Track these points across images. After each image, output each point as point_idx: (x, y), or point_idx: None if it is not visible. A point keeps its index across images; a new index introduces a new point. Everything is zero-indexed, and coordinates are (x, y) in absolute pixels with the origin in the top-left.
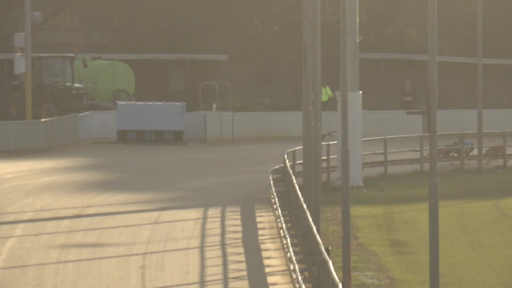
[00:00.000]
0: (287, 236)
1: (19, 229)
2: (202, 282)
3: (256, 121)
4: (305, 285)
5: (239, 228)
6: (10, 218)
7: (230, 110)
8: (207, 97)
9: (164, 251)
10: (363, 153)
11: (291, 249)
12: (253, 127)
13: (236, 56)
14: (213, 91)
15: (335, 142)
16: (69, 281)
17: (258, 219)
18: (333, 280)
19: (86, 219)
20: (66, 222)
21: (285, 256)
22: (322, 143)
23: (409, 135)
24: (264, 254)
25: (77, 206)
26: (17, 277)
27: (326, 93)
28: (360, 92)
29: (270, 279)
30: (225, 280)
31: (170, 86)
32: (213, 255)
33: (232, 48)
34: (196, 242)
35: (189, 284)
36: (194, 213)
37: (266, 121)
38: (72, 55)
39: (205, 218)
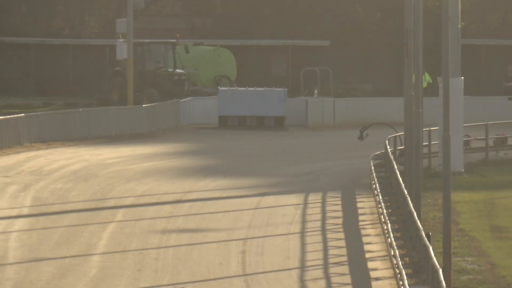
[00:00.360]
0: (388, 221)
1: (120, 214)
2: (303, 267)
3: (357, 106)
4: (405, 270)
5: (340, 214)
6: (111, 203)
7: (332, 96)
8: (308, 83)
9: (264, 236)
10: (464, 139)
11: (391, 235)
12: (354, 112)
13: (337, 42)
14: (314, 77)
15: (436, 128)
16: (169, 266)
17: (358, 205)
18: (433, 265)
19: (187, 205)
20: (167, 207)
21: (386, 241)
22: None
23: (511, 121)
24: (364, 239)
25: (178, 191)
26: (118, 262)
27: (425, 79)
28: (462, 78)
29: (370, 265)
30: (326, 266)
31: (272, 72)
32: (314, 240)
33: (333, 34)
34: (296, 228)
35: (289, 269)
36: (294, 199)
37: (367, 106)
38: (174, 41)
39: (305, 203)
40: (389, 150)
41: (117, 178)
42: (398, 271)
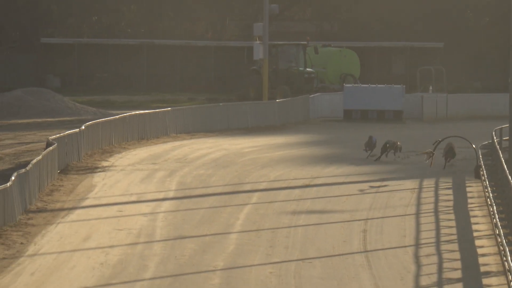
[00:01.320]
0: (493, 204)
1: (255, 197)
2: (417, 244)
3: (468, 101)
4: (508, 247)
5: (451, 197)
6: (248, 187)
7: (445, 92)
8: (424, 80)
9: (383, 217)
10: None
11: (496, 216)
12: (465, 107)
13: (450, 44)
14: (429, 75)
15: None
16: (298, 243)
17: (468, 189)
18: None
19: (314, 189)
20: (296, 191)
21: (491, 222)
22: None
23: None
24: (472, 220)
25: (306, 177)
26: (253, 240)
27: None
28: None
29: (477, 242)
30: (438, 243)
31: (391, 71)
32: (427, 221)
33: (446, 37)
34: (412, 209)
35: (405, 246)
36: (410, 184)
37: (477, 101)
38: (305, 43)
39: (420, 188)
40: (495, 140)
41: (252, 165)
42: (502, 248)
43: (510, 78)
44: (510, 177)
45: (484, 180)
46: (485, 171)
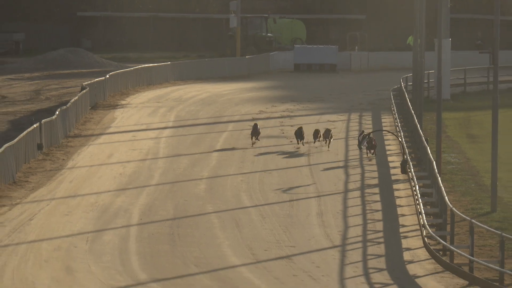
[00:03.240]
0: (401, 131)
1: (230, 126)
2: (346, 160)
3: (383, 57)
4: (412, 162)
5: (369, 125)
6: (225, 119)
7: (367, 51)
8: (351, 42)
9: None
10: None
11: (403, 139)
12: (381, 61)
13: (371, 15)
14: (356, 39)
15: (433, 71)
16: (261, 161)
17: (382, 120)
18: (429, 159)
19: (273, 120)
20: (260, 122)
21: (399, 142)
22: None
23: (480, 67)
24: (386, 142)
25: (267, 111)
26: (229, 157)
27: (411, 40)
28: (449, 39)
29: (389, 158)
30: (361, 160)
31: (329, 35)
32: (353, 143)
33: (369, 10)
34: (342, 135)
35: (338, 161)
36: (342, 116)
37: (389, 57)
38: (267, 15)
39: (349, 119)
40: (402, 85)
41: (229, 103)
42: (407, 162)
43: (414, 41)
44: (413, 111)
45: (394, 114)
46: (395, 107)
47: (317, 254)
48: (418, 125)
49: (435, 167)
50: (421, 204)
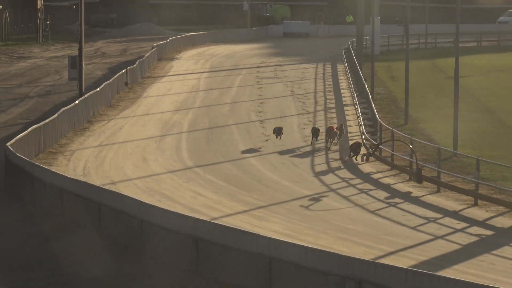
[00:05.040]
0: (349, 74)
1: (244, 71)
2: (315, 92)
3: (340, 28)
4: (357, 97)
5: (329, 71)
6: (241, 66)
7: (328, 24)
8: (318, 19)
9: (301, 79)
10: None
11: (351, 80)
12: (337, 31)
13: (329, 3)
14: (321, 17)
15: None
16: (263, 91)
17: (338, 68)
18: (366, 91)
19: (270, 67)
20: (262, 68)
21: (348, 81)
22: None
23: (398, 34)
24: (340, 81)
25: (266, 61)
26: (243, 90)
27: (349, 18)
28: (379, 17)
29: (343, 92)
30: (324, 91)
31: (304, 14)
32: (320, 83)
33: None
34: (312, 76)
35: (310, 93)
36: (312, 65)
37: (342, 29)
38: (266, 2)
39: (316, 67)
40: (350, 45)
41: (243, 57)
42: (353, 93)
43: (357, 17)
44: (357, 62)
45: (345, 64)
46: (345, 60)
47: (298, 151)
48: (360, 71)
49: (370, 96)
50: (361, 119)
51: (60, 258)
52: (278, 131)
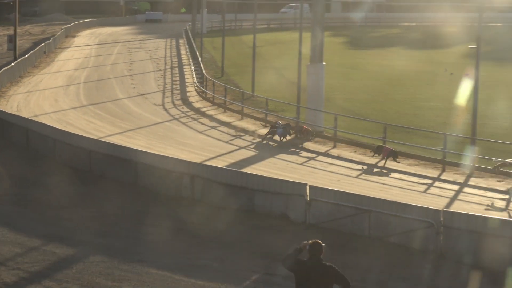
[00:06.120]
0: (187, 45)
1: (119, 44)
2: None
3: (180, 16)
4: (191, 60)
5: (174, 44)
6: (118, 41)
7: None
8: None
9: (157, 49)
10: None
11: (188, 49)
12: (180, 18)
13: None
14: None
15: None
16: (133, 56)
17: (180, 41)
18: (198, 56)
19: (136, 42)
20: (132, 43)
21: (186, 50)
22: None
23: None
24: (181, 50)
25: (135, 38)
26: (120, 56)
27: (183, 9)
28: (206, 9)
29: (182, 57)
30: (171, 57)
31: (158, 8)
32: (168, 51)
33: None
34: (163, 47)
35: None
36: (163, 40)
37: (181, 17)
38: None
39: (166, 41)
40: (188, 27)
41: (120, 35)
42: (191, 62)
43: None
44: (191, 37)
45: (184, 39)
46: (184, 36)
47: (154, 93)
48: (193, 43)
49: (200, 59)
50: (194, 73)
51: None
52: (282, 132)
